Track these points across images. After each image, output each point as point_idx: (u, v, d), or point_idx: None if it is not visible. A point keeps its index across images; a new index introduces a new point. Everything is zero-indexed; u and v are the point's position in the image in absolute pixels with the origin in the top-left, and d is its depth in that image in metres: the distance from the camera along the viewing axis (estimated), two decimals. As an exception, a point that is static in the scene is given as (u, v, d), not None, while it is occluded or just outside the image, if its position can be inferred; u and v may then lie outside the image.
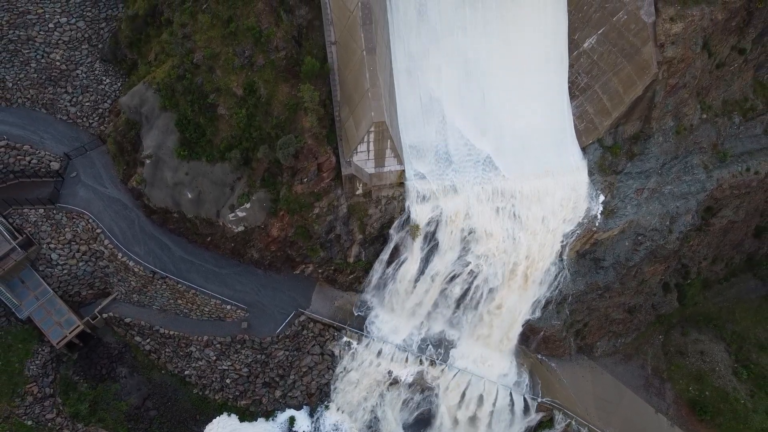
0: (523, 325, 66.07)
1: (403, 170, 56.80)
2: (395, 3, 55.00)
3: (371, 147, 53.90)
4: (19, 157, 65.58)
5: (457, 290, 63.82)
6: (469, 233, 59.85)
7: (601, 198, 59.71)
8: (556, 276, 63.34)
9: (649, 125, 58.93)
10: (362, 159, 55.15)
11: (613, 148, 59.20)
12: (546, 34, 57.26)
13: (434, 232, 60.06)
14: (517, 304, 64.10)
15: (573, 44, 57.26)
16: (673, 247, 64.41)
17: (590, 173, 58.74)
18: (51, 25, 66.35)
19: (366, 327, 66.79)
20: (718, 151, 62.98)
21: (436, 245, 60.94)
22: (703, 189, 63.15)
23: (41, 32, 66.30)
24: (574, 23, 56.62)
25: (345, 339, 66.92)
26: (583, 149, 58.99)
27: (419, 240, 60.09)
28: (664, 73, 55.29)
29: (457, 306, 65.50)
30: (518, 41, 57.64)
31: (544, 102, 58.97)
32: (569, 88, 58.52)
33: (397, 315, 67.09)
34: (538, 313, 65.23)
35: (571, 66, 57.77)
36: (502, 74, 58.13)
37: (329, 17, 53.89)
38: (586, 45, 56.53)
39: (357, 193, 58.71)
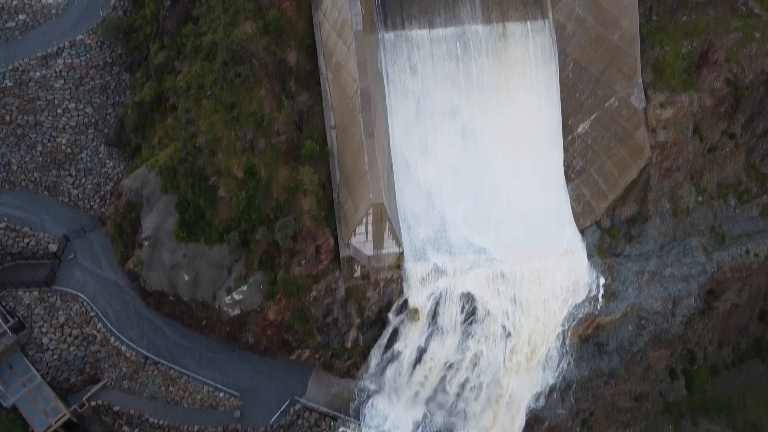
0: (526, 415, 63.56)
1: (402, 252, 56.61)
2: (394, 90, 57.01)
3: (370, 229, 54.00)
4: (17, 239, 65.54)
5: (457, 377, 61.92)
6: (469, 317, 58.82)
7: (602, 281, 59.20)
8: (559, 362, 61.68)
9: (646, 208, 59.40)
10: (360, 241, 55.10)
11: (611, 231, 59.34)
12: (540, 119, 58.98)
13: (433, 316, 59.02)
14: (519, 391, 62.00)
15: (567, 129, 58.76)
16: (678, 331, 63.23)
17: (589, 256, 58.53)
18: (59, 111, 68.27)
19: (364, 416, 64.22)
20: (717, 234, 63.17)
21: (436, 329, 59.71)
22: (703, 272, 62.77)
23: (49, 117, 68.12)
24: (567, 109, 58.40)
25: (342, 429, 64.19)
26: (582, 231, 59.09)
27: (418, 324, 58.96)
28: (658, 157, 56.39)
29: (458, 394, 63.31)
30: (513, 126, 59.27)
31: (541, 185, 59.76)
32: (565, 171, 59.47)
33: (396, 403, 64.72)
34: (542, 402, 62.97)
35: (566, 150, 59.01)
36: (499, 157, 59.28)
37: (329, 103, 55.67)
38: (579, 130, 58.00)
39: (355, 275, 58.25)
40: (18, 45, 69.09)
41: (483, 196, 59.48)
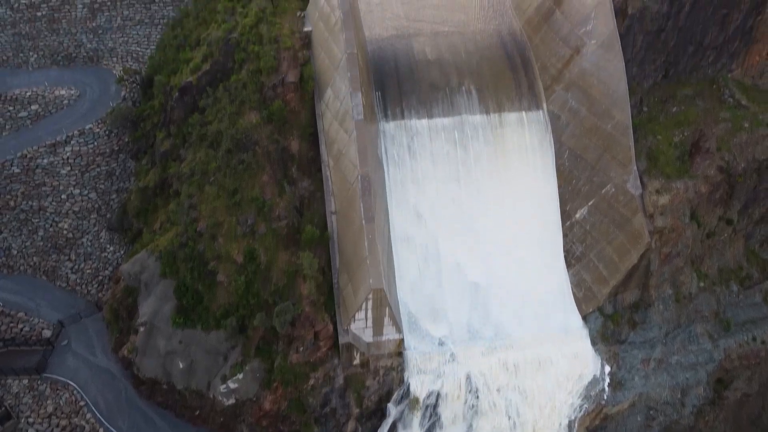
0: None
1: (402, 339, 55.58)
2: (394, 176, 58.17)
3: (369, 315, 53.29)
4: (11, 325, 64.44)
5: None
6: (472, 407, 56.89)
7: (607, 369, 57.78)
8: (567, 456, 59.09)
9: (648, 293, 58.96)
10: (360, 327, 54.22)
11: (613, 317, 58.59)
12: (539, 206, 59.79)
13: (435, 406, 57.06)
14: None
15: (565, 215, 59.40)
16: (688, 422, 60.94)
17: (593, 342, 57.46)
18: (63, 196, 69.22)
19: None
20: (721, 320, 62.28)
21: (438, 420, 57.57)
22: (711, 359, 61.41)
23: (53, 202, 68.96)
24: (565, 195, 59.30)
25: None
26: (584, 318, 58.36)
27: (419, 414, 56.90)
28: (657, 242, 56.63)
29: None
30: (512, 212, 59.95)
31: (542, 270, 59.63)
32: (565, 256, 59.53)
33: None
34: (550, 500, 59.70)
35: (565, 235, 59.36)
36: (498, 242, 59.47)
37: (330, 189, 56.58)
38: (578, 215, 58.61)
39: (354, 363, 56.88)
40: (28, 133, 71.25)
41: (483, 282, 59.16)
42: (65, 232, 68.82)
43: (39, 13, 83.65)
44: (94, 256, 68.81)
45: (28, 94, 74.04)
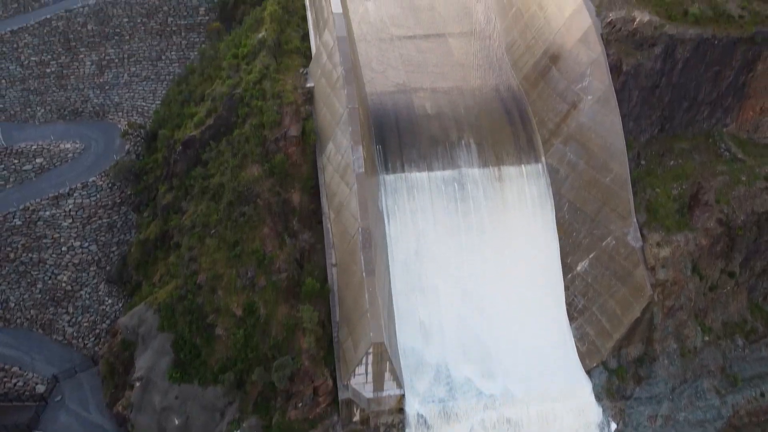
0: None
1: (403, 395, 54.38)
2: (394, 229, 58.28)
3: (369, 369, 52.33)
4: (5, 380, 63.28)
5: None
6: (476, 466, 55.20)
7: (613, 426, 56.33)
8: None
9: (653, 348, 58.13)
10: (360, 382, 53.14)
11: (618, 371, 57.53)
12: (539, 258, 59.58)
13: (437, 465, 55.38)
14: None
15: (567, 267, 59.17)
16: (699, 482, 58.97)
17: (598, 398, 56.21)
18: (64, 249, 69.21)
19: None
20: (728, 375, 61.12)
21: (440, 481, 55.72)
22: (719, 416, 59.95)
23: (53, 255, 68.89)
24: (566, 248, 59.24)
25: None
26: (588, 372, 57.31)
27: (421, 474, 55.14)
28: (660, 296, 56.19)
29: None
30: (513, 265, 59.69)
31: (544, 324, 58.91)
32: (567, 309, 58.98)
33: None
34: None
35: (566, 288, 58.97)
36: (500, 296, 58.99)
37: (331, 241, 56.60)
38: (579, 268, 58.40)
39: (354, 419, 55.47)
40: (32, 186, 71.91)
41: (485, 337, 58.35)
42: (64, 284, 68.47)
43: (48, 70, 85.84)
44: (92, 309, 68.23)
45: (33, 147, 75.13)
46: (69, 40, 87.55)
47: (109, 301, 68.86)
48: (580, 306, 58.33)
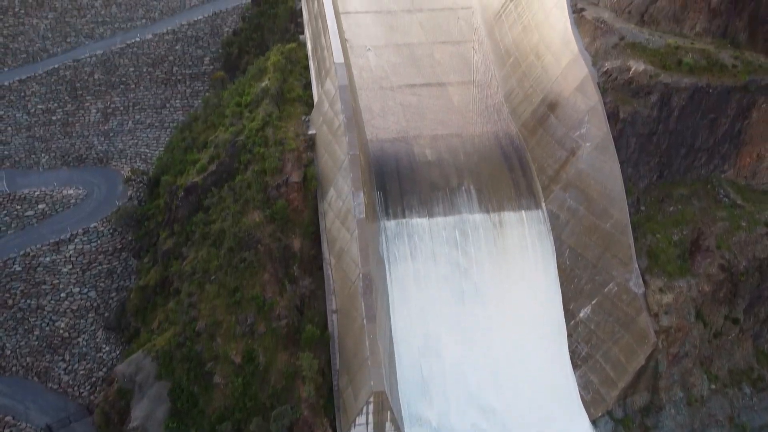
0: None
1: (404, 445, 53.12)
2: (395, 274, 58.06)
3: (370, 419, 51.22)
4: (-2, 430, 62.08)
5: None
6: None
7: (621, 478, 54.83)
8: None
9: (659, 396, 57.06)
10: (361, 432, 52.02)
11: (624, 421, 56.30)
12: (541, 305, 59.16)
13: None
14: None
15: (569, 314, 58.68)
16: None
17: (605, 449, 54.93)
18: (63, 295, 68.76)
19: None
20: (737, 425, 59.71)
21: None
22: (729, 468, 58.36)
23: (51, 301, 68.39)
24: (568, 294, 58.88)
25: None
26: (593, 422, 56.12)
27: None
28: (664, 343, 55.52)
29: None
30: (515, 311, 59.21)
31: (547, 373, 58.02)
32: (570, 357, 58.17)
33: None
34: None
35: (569, 335, 58.32)
36: (502, 344, 58.30)
37: (331, 287, 56.32)
38: (582, 315, 57.89)
39: (354, 471, 54.02)
40: (33, 232, 71.97)
41: (487, 385, 57.39)
42: (61, 331, 67.74)
43: (54, 117, 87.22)
44: (89, 356, 67.30)
45: (36, 193, 75.58)
46: (76, 89, 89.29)
47: (107, 348, 68.00)
48: (583, 353, 57.56)
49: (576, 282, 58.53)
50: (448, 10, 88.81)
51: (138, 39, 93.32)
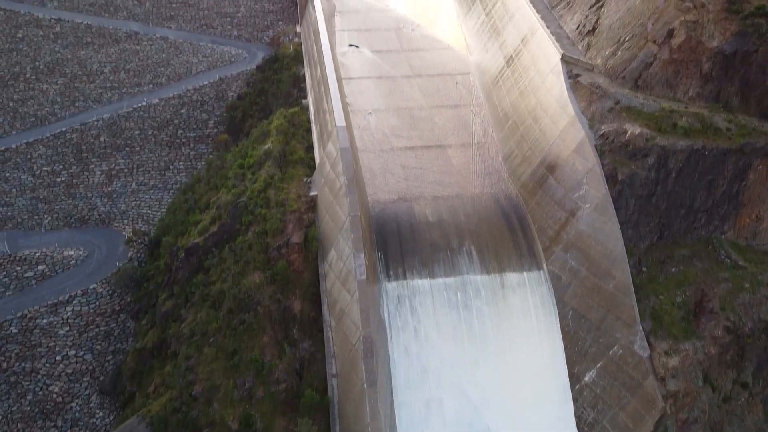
0: None
1: None
2: (396, 337, 57.24)
3: (371, 489, 49.39)
4: (-17, 500, 59.73)
5: None
6: None
7: None
8: None
9: (669, 464, 55.07)
10: (361, 503, 49.98)
11: (635, 491, 54.13)
12: (545, 368, 57.97)
13: None
14: None
15: (574, 378, 57.43)
16: None
17: None
18: (58, 358, 67.56)
19: None
20: (752, 496, 57.55)
21: None
22: None
23: (47, 364, 67.13)
24: (572, 357, 57.81)
25: None
26: (603, 492, 54.01)
27: None
28: (672, 408, 54.04)
29: None
30: (518, 375, 57.98)
31: (553, 439, 56.41)
32: (577, 423, 56.53)
33: None
34: None
35: (575, 400, 56.88)
36: (506, 408, 56.79)
37: (331, 350, 55.43)
38: (587, 378, 56.65)
39: None
40: (32, 293, 71.53)
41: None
42: (55, 396, 66.18)
43: (59, 179, 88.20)
44: (82, 422, 65.47)
45: (37, 254, 75.57)
46: (81, 151, 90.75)
47: (100, 413, 66.23)
48: (590, 419, 55.98)
49: (580, 344, 57.61)
50: (447, 76, 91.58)
51: (145, 103, 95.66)
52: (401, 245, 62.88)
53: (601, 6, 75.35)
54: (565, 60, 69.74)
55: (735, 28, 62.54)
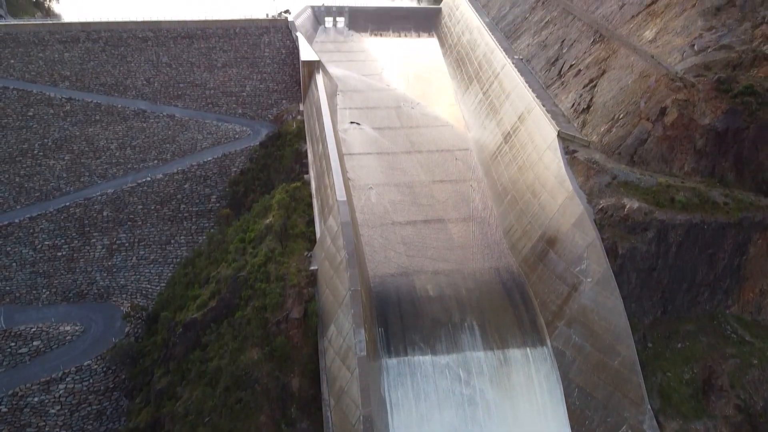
0: None
1: None
2: (397, 416, 55.46)
3: None
4: None
5: None
6: None
7: None
8: None
9: None
10: None
11: None
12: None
13: None
14: None
15: (582, 460, 55.24)
16: None
17: None
18: (47, 439, 65.39)
19: None
20: None
21: None
22: None
23: (35, 445, 64.90)
24: (580, 438, 55.86)
25: None
26: None
27: None
28: (686, 493, 51.67)
29: None
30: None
31: None
32: None
33: None
34: None
35: (584, 484, 54.48)
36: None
37: (330, 430, 53.53)
38: (596, 461, 54.47)
39: None
40: (25, 370, 69.95)
41: None
42: (43, 479, 63.56)
43: (60, 253, 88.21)
44: (68, 508, 62.57)
45: (32, 330, 74.49)
46: (84, 225, 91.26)
47: (88, 499, 63.40)
48: (601, 504, 53.40)
49: (587, 424, 55.70)
50: (447, 152, 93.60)
51: (149, 178, 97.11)
52: (402, 320, 62.10)
53: (595, 85, 77.98)
54: (561, 137, 71.46)
55: (725, 106, 64.35)
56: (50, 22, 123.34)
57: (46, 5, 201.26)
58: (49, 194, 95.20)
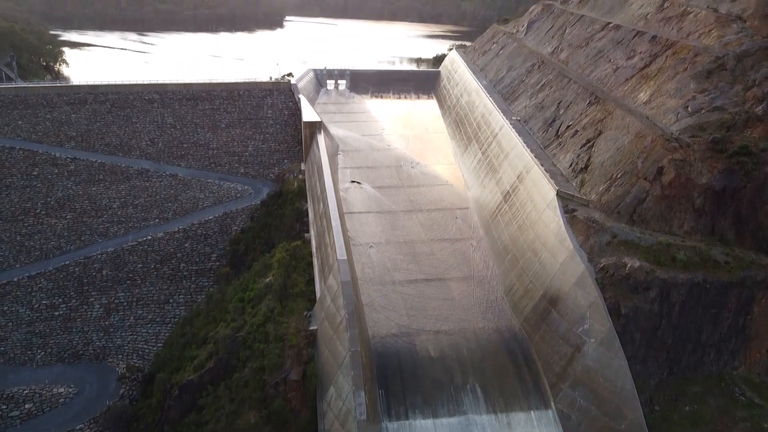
0: None
1: None
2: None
3: None
4: None
5: None
6: None
7: None
8: None
9: None
10: None
11: None
12: None
13: None
14: None
15: None
16: None
17: None
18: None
19: None
20: None
21: None
22: None
23: None
24: (588, 507, 53.62)
25: None
26: None
27: None
28: None
29: None
30: None
31: None
32: None
33: None
34: None
35: None
36: None
37: (329, 499, 51.59)
38: None
39: None
40: (14, 434, 68.09)
41: None
42: None
43: (57, 313, 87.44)
44: None
45: (25, 392, 72.90)
46: (82, 284, 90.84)
47: None
48: None
49: (595, 489, 53.66)
50: (447, 210, 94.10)
51: (149, 237, 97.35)
52: (403, 382, 60.73)
53: (592, 145, 79.15)
54: (560, 195, 71.97)
55: (721, 165, 65.10)
56: (59, 84, 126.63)
57: (56, 69, 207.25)
58: (49, 253, 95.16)
